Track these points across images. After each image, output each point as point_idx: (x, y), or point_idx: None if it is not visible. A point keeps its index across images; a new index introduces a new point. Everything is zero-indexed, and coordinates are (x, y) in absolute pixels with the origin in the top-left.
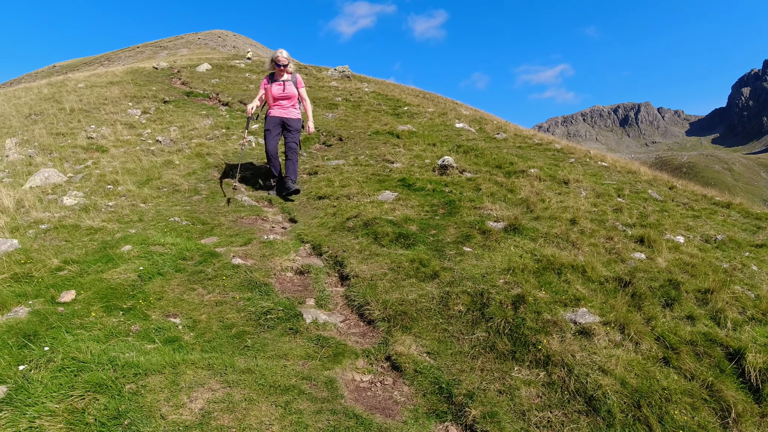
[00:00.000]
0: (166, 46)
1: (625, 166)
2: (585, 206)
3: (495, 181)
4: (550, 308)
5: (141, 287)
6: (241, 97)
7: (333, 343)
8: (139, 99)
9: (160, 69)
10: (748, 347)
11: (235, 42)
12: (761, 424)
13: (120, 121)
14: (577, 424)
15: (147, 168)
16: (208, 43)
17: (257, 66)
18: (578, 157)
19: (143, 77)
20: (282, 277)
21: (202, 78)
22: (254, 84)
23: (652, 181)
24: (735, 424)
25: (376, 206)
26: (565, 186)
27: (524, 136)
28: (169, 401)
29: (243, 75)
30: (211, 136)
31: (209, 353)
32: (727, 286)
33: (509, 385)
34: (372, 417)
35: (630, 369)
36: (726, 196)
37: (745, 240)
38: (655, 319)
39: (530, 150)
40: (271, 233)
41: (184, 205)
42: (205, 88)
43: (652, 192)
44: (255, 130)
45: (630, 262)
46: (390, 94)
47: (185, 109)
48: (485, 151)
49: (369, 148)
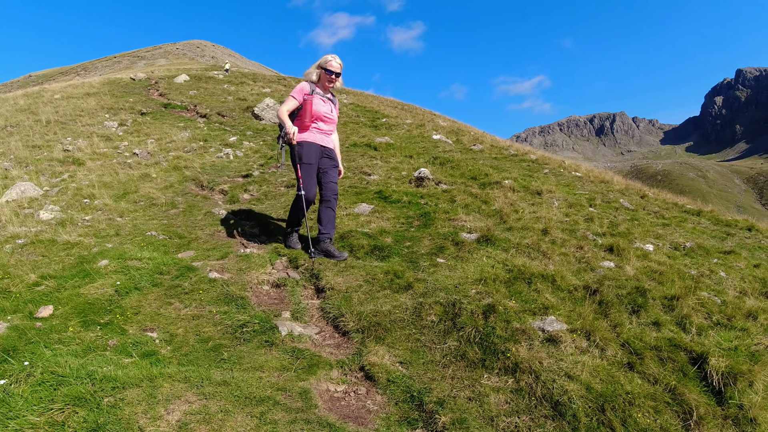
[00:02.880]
0: (144, 56)
1: (599, 175)
2: (557, 216)
3: (470, 192)
4: (520, 317)
5: (118, 302)
6: (219, 109)
7: (308, 354)
8: (116, 111)
9: (137, 80)
10: (712, 351)
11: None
12: (723, 426)
13: (97, 134)
14: (544, 428)
15: (124, 181)
16: (187, 53)
17: (236, 77)
18: (552, 167)
19: (120, 88)
20: (258, 290)
21: (180, 89)
22: (232, 96)
23: (624, 190)
24: (697, 426)
25: (352, 219)
26: (538, 197)
27: (500, 147)
28: (147, 414)
29: (221, 86)
30: (189, 148)
31: (186, 366)
32: (694, 292)
33: (479, 392)
34: (345, 426)
35: (595, 374)
36: (697, 203)
37: (713, 247)
38: (621, 326)
39: (506, 161)
40: (248, 247)
41: (161, 219)
42: (183, 99)
43: (624, 201)
44: (233, 142)
45: (599, 271)
46: (369, 105)
47: (163, 121)
48: (461, 163)
49: (347, 160)
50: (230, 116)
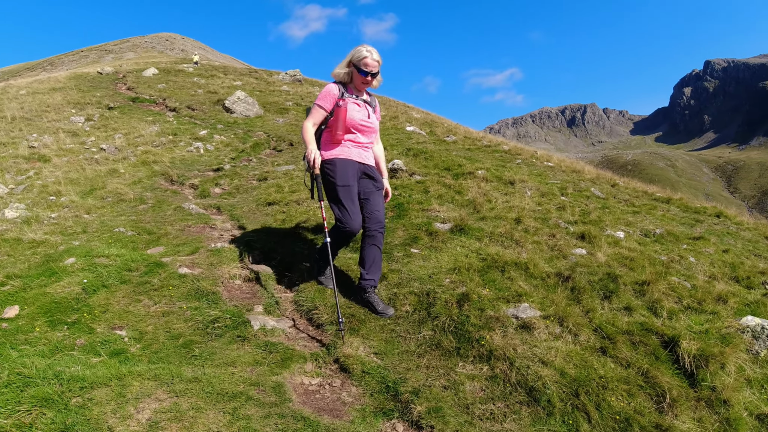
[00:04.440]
0: (112, 49)
1: (570, 165)
2: (530, 205)
3: (443, 183)
4: (493, 305)
5: (85, 300)
6: (189, 103)
7: (281, 348)
8: (82, 105)
9: (104, 74)
10: (683, 335)
11: (183, 45)
12: (697, 408)
13: (63, 129)
14: (519, 414)
15: (91, 177)
16: (156, 46)
17: (206, 70)
18: (525, 158)
19: (87, 83)
20: (230, 284)
21: (149, 83)
22: (203, 89)
23: (595, 179)
24: (670, 408)
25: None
26: (511, 186)
27: (474, 138)
28: (116, 413)
29: (191, 79)
30: (158, 143)
31: (156, 364)
32: (664, 277)
33: (454, 380)
34: (320, 419)
35: (569, 360)
36: (667, 191)
37: (683, 233)
38: (593, 311)
39: (479, 152)
40: (220, 241)
41: (129, 215)
42: (152, 93)
43: (595, 190)
44: (203, 135)
45: (571, 258)
46: None
47: (131, 115)
48: (435, 154)
49: None
50: (200, 110)
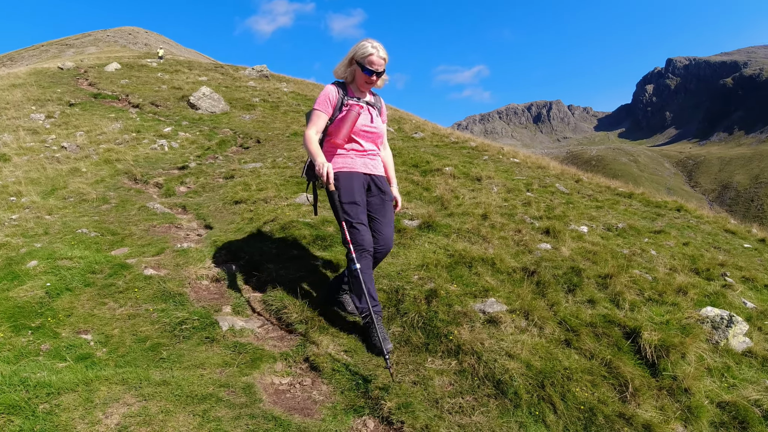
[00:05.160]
0: (73, 44)
1: (536, 161)
2: (496, 201)
3: (411, 179)
4: (461, 300)
5: (49, 304)
6: (152, 99)
7: (251, 348)
8: (43, 102)
9: (66, 69)
10: (645, 326)
11: (146, 39)
12: (659, 396)
13: (23, 127)
14: (487, 407)
15: (52, 177)
16: (118, 40)
17: (170, 65)
18: (492, 154)
19: (48, 78)
20: (197, 285)
21: (111, 78)
22: (167, 84)
23: (560, 175)
24: (633, 397)
25: (293, 209)
26: (478, 183)
27: (441, 134)
28: (84, 419)
29: (155, 75)
30: (121, 140)
31: (123, 368)
32: (626, 270)
33: (423, 375)
34: (291, 418)
35: (534, 352)
36: (629, 186)
37: (644, 227)
38: (558, 305)
39: (447, 148)
40: (186, 241)
41: (92, 216)
42: (114, 89)
43: (560, 185)
44: (168, 132)
45: (536, 253)
46: (310, 94)
47: (93, 112)
48: (403, 151)
49: (287, 150)
50: (164, 106)
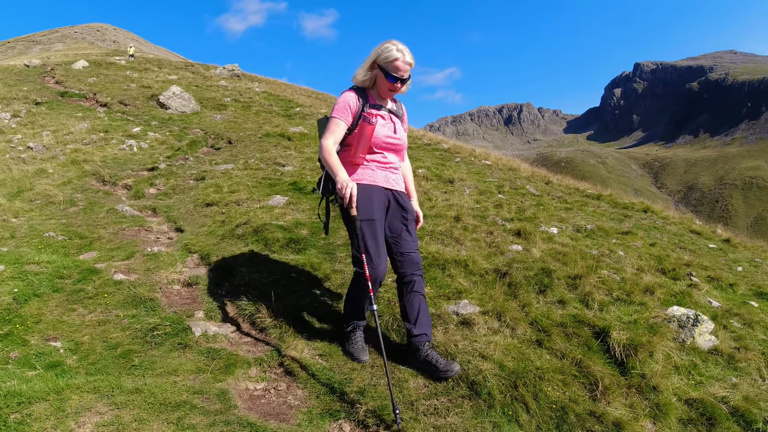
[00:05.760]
0: (40, 40)
1: (507, 163)
2: (468, 203)
3: None
4: (435, 302)
5: (17, 311)
6: (121, 98)
7: (224, 354)
8: (8, 101)
9: (32, 67)
10: (613, 325)
11: (115, 36)
12: (628, 394)
13: None
14: (461, 408)
15: (18, 178)
16: (86, 37)
17: (140, 63)
18: (464, 156)
19: (13, 76)
20: (169, 290)
21: (79, 76)
22: (136, 83)
23: (530, 177)
24: (603, 396)
25: (266, 211)
26: (450, 185)
27: (414, 136)
28: (57, 428)
29: (124, 73)
30: (89, 140)
31: (94, 376)
32: (595, 271)
33: (398, 378)
34: (266, 423)
35: (507, 353)
36: (597, 188)
37: (612, 228)
38: (529, 306)
39: (420, 150)
40: (156, 245)
41: (59, 218)
42: (82, 87)
43: (530, 187)
44: (137, 133)
45: (508, 254)
46: (282, 94)
47: (60, 111)
48: None
49: (260, 151)
50: (133, 105)
